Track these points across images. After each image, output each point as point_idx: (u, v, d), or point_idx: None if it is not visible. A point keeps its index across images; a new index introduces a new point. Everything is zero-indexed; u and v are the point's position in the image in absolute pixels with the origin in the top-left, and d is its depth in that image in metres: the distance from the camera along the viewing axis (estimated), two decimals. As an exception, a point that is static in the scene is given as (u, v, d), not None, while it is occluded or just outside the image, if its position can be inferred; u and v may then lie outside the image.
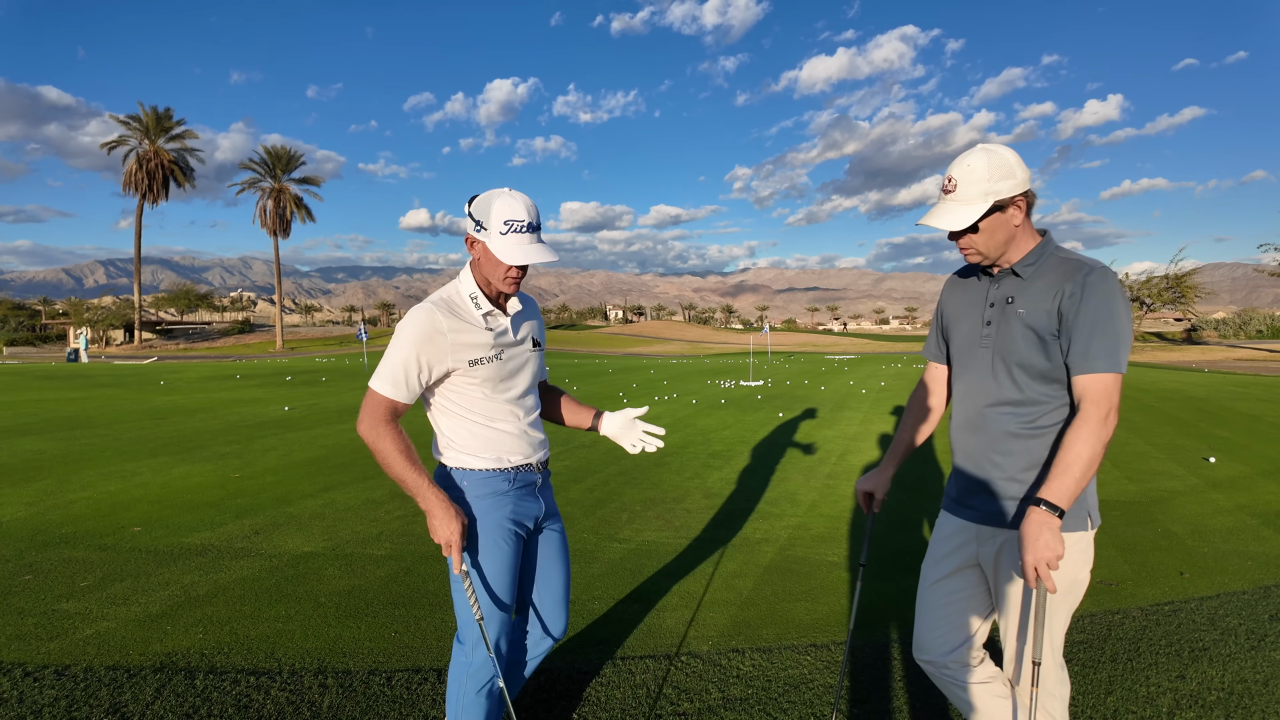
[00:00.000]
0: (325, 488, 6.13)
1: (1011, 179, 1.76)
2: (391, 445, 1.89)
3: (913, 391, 2.21)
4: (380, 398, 1.92)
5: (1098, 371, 1.69)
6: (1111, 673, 2.92)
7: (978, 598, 1.95)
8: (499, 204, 1.88)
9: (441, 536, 1.89)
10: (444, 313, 1.95)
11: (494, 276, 1.96)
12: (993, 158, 1.75)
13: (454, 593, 2.03)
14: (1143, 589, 3.84)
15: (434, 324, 1.92)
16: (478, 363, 1.98)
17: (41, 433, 9.11)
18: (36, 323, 71.64)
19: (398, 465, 1.89)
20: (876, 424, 10.27)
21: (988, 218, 1.78)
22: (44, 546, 4.48)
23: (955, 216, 1.79)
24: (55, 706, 2.60)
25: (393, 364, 1.91)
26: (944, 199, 1.82)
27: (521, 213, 1.88)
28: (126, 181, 51.52)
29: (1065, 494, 1.65)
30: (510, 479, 2.05)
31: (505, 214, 1.87)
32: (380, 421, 1.90)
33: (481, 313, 2.00)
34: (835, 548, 4.61)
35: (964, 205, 1.78)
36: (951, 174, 1.80)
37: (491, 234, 1.90)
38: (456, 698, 2.05)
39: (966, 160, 1.79)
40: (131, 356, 43.99)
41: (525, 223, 1.88)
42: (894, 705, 2.69)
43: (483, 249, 1.94)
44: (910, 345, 63.67)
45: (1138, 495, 5.93)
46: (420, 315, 1.93)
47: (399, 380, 1.91)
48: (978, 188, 1.76)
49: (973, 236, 1.82)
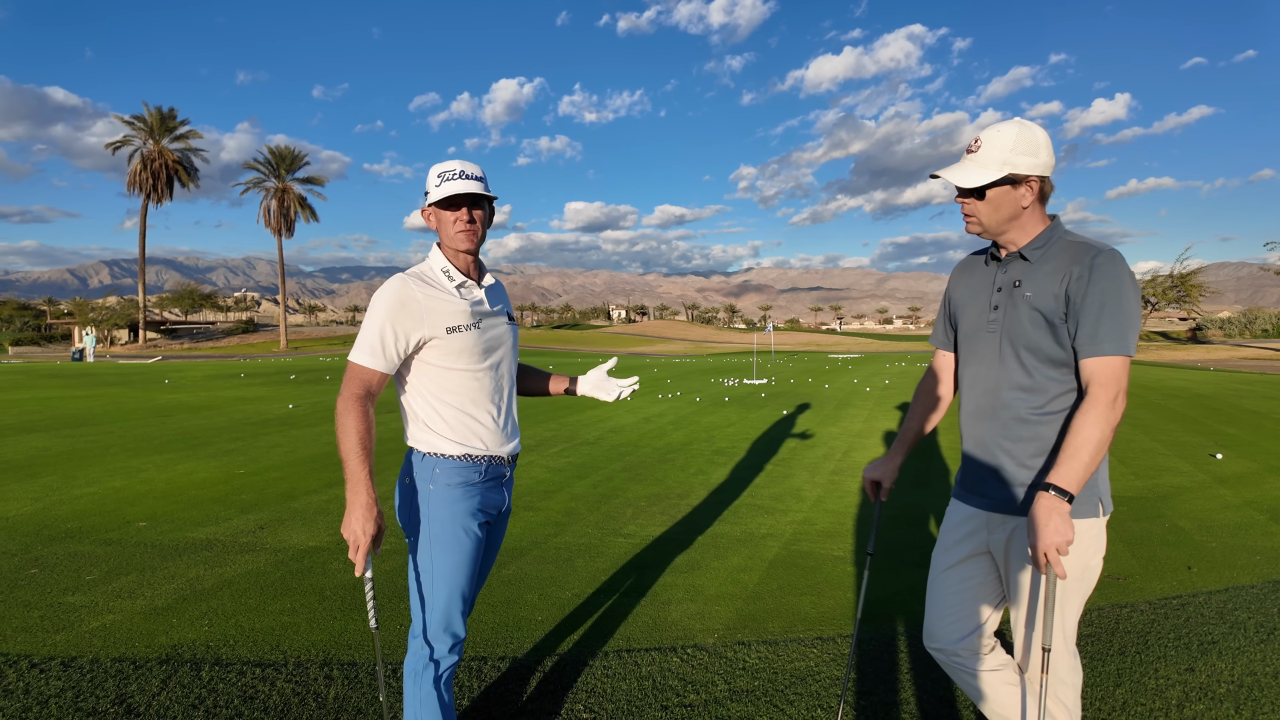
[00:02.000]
0: (329, 484, 6.14)
1: (1033, 157, 1.75)
2: (354, 423, 1.85)
3: (921, 379, 2.20)
4: (358, 368, 1.90)
5: (1106, 354, 1.68)
6: (1120, 665, 2.91)
7: (988, 585, 1.93)
8: (435, 167, 1.99)
9: (353, 535, 1.81)
10: (416, 281, 1.95)
11: (449, 236, 1.99)
12: (1023, 131, 1.76)
13: (410, 586, 2.01)
14: (1150, 583, 3.82)
15: (407, 290, 1.92)
16: (455, 330, 1.96)
17: (47, 430, 9.13)
18: (42, 323, 71.87)
19: (349, 445, 1.84)
20: (881, 421, 10.25)
21: (998, 187, 1.79)
22: (50, 541, 4.49)
23: (968, 174, 1.79)
24: (62, 698, 2.60)
25: (369, 333, 1.90)
26: (965, 157, 1.83)
27: (453, 164, 1.96)
28: (131, 182, 51.63)
29: (1074, 478, 1.63)
30: (481, 471, 2.02)
31: (439, 170, 1.97)
32: (354, 397, 1.87)
33: (455, 284, 2.01)
34: (841, 542, 4.59)
35: (980, 168, 1.78)
36: (980, 136, 1.81)
37: (431, 193, 1.98)
38: (414, 690, 2.00)
39: (999, 127, 1.80)
40: (136, 356, 44.11)
41: (458, 170, 1.95)
42: (901, 697, 2.68)
43: (432, 212, 2.01)
44: (914, 345, 63.57)
45: (1144, 491, 5.91)
46: (393, 283, 1.94)
47: (376, 349, 1.89)
48: (999, 154, 1.76)
49: (977, 203, 1.82)
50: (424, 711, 2.01)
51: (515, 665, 2.92)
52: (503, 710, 2.60)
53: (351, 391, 1.88)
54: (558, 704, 2.63)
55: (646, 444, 8.30)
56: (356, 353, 1.90)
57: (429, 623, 1.98)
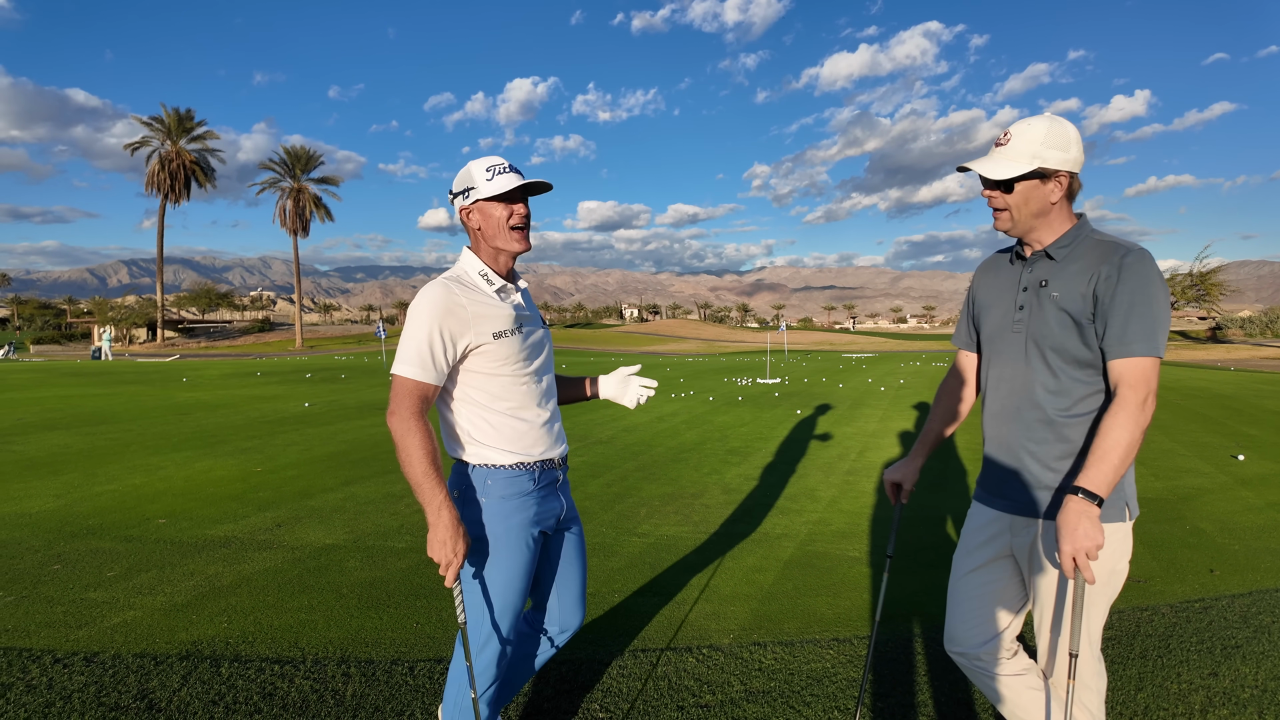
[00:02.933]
0: (346, 481, 6.18)
1: (1064, 152, 1.73)
2: (419, 443, 1.76)
3: (942, 380, 2.18)
4: (409, 383, 1.79)
5: (1135, 355, 1.65)
6: (1141, 669, 2.87)
7: (1011, 589, 1.91)
8: (475, 162, 1.90)
9: (442, 556, 1.75)
10: (457, 286, 1.87)
11: (498, 234, 1.91)
12: (1054, 126, 1.74)
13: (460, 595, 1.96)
14: (1172, 586, 3.78)
15: (451, 296, 1.83)
16: (501, 335, 1.88)
17: (68, 428, 9.25)
18: (62, 321, 72.84)
19: (420, 468, 1.75)
20: (896, 421, 10.19)
21: (1026, 181, 1.76)
22: (72, 537, 4.55)
23: (997, 166, 1.77)
24: (85, 692, 2.63)
25: (415, 344, 1.79)
26: (994, 150, 1.81)
27: (497, 158, 1.90)
28: (149, 182, 52.22)
29: (1103, 482, 1.61)
30: (535, 477, 1.96)
31: (484, 164, 1.89)
32: (412, 414, 1.77)
33: (494, 289, 1.93)
34: (856, 543, 4.57)
35: (1009, 160, 1.76)
36: (1010, 129, 1.80)
37: (479, 187, 1.88)
38: (455, 700, 1.97)
39: (1030, 121, 1.78)
40: (154, 354, 44.60)
41: (505, 164, 1.89)
42: (919, 700, 2.66)
43: (478, 210, 1.91)
44: (929, 344, 63.15)
45: (1165, 492, 5.84)
46: (434, 290, 1.83)
47: (425, 360, 1.79)
48: (1029, 148, 1.74)
49: (1005, 196, 1.80)
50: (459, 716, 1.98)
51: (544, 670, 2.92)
52: (518, 709, 2.60)
53: (408, 409, 1.77)
54: (574, 703, 2.64)
55: (660, 443, 8.29)
56: (404, 366, 1.79)
57: (476, 636, 1.93)
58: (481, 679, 1.93)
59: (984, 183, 1.84)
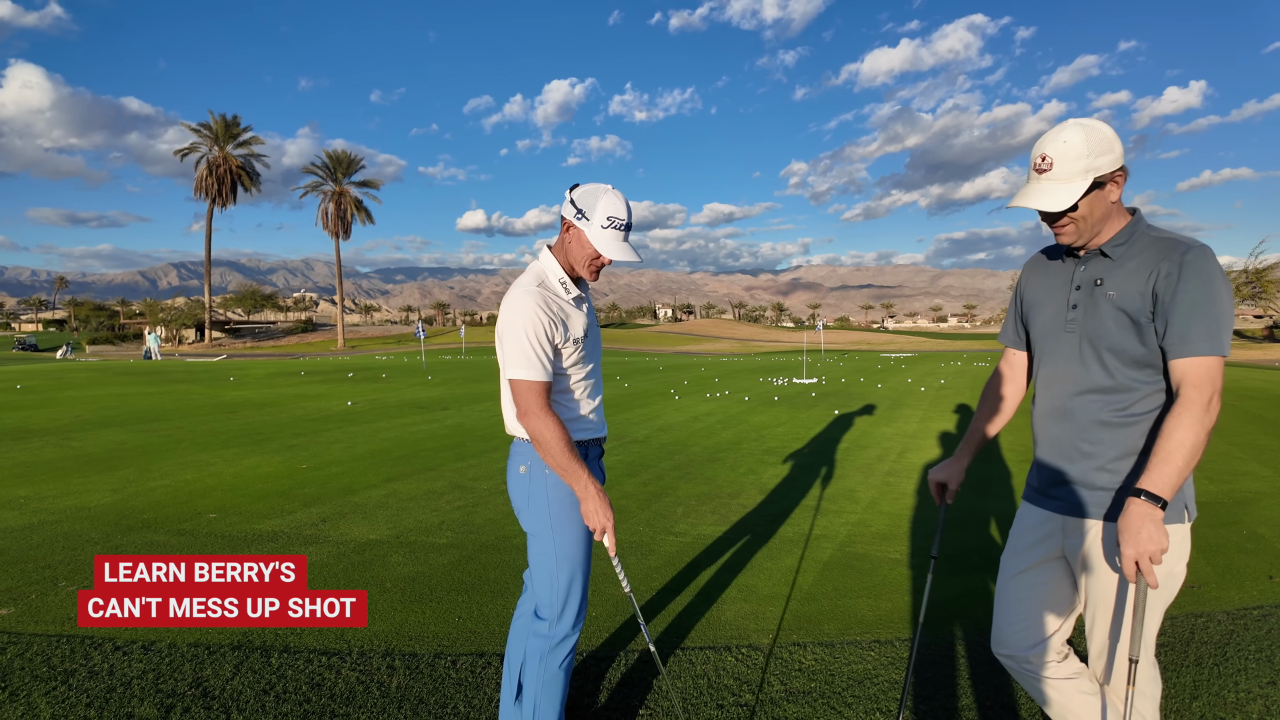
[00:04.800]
0: (388, 478, 6.29)
1: (1111, 153, 1.67)
2: (557, 432, 1.96)
3: (988, 379, 2.14)
4: (531, 384, 1.97)
5: (1199, 354, 1.60)
6: (1196, 677, 2.79)
7: (1062, 591, 1.87)
8: (605, 199, 2.01)
9: (597, 522, 1.99)
10: (546, 294, 2.04)
11: (580, 262, 2.08)
12: (1090, 132, 1.67)
13: (534, 567, 2.12)
14: (1228, 592, 3.65)
15: (546, 303, 2.01)
16: (579, 339, 2.09)
17: (124, 425, 9.58)
18: (115, 322, 75.44)
19: (565, 451, 1.96)
20: (937, 421, 10.02)
21: (1087, 195, 1.70)
22: (128, 530, 4.71)
23: (1055, 197, 1.69)
24: (143, 679, 2.73)
25: (524, 349, 1.96)
26: (1039, 179, 1.73)
27: (623, 212, 2.02)
28: (197, 186, 53.84)
29: (1168, 484, 1.56)
30: (585, 452, 2.15)
31: (610, 210, 2.01)
32: (542, 410, 1.96)
33: (571, 297, 2.11)
34: (897, 545, 4.51)
35: (1063, 184, 1.69)
36: (1045, 151, 1.71)
37: (593, 225, 2.02)
38: (537, 672, 2.10)
39: (1061, 136, 1.69)
40: (202, 354, 45.93)
41: (624, 221, 2.03)
42: (963, 703, 2.62)
43: (577, 235, 2.06)
44: (970, 344, 61.91)
45: (1220, 496, 5.64)
46: (529, 299, 1.99)
47: (534, 363, 1.97)
48: (1078, 164, 1.67)
49: (1071, 215, 1.73)
50: (544, 695, 2.11)
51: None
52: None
53: (538, 404, 1.97)
54: (614, 699, 2.65)
55: (695, 443, 8.28)
56: (520, 370, 1.97)
57: (554, 602, 2.10)
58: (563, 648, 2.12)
59: (1044, 216, 1.76)
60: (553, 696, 2.12)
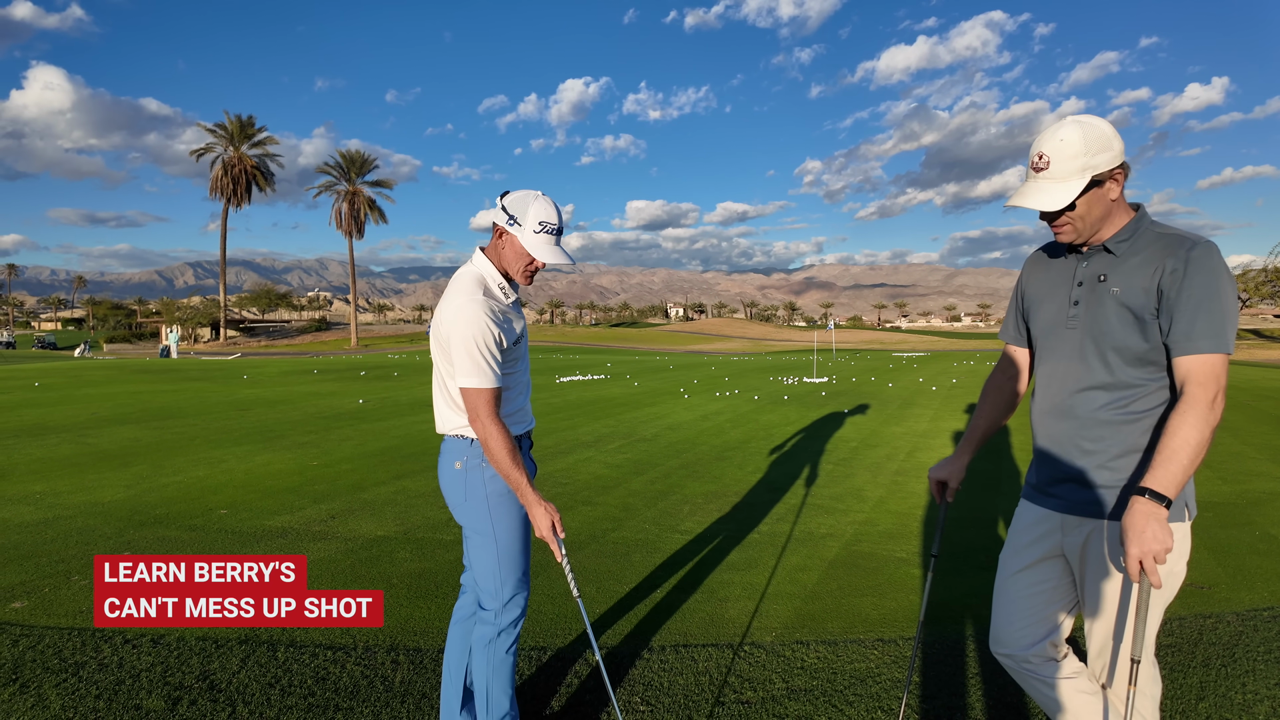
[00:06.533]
0: (397, 476, 6.33)
1: (1109, 151, 1.66)
2: (506, 441, 2.01)
3: (989, 376, 2.13)
4: (483, 391, 2.01)
5: (1203, 352, 1.59)
6: (1204, 678, 2.76)
7: (1061, 590, 1.86)
8: (536, 205, 2.07)
9: (543, 530, 2.04)
10: (491, 302, 2.08)
11: (515, 267, 2.14)
12: (1088, 130, 1.65)
13: (476, 561, 2.17)
14: (1238, 593, 3.61)
15: (492, 311, 2.05)
16: (517, 341, 2.16)
17: (138, 422, 9.69)
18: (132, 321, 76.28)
19: (509, 460, 2.01)
20: (948, 421, 9.97)
21: (1085, 194, 1.68)
22: (141, 525, 4.77)
23: (1051, 196, 1.68)
24: (152, 671, 2.77)
25: (475, 358, 2.00)
26: (1035, 177, 1.72)
27: (554, 217, 2.08)
28: (213, 186, 54.32)
29: (1172, 482, 1.55)
30: (520, 446, 2.22)
31: (541, 215, 2.06)
32: (490, 418, 2.01)
33: (510, 301, 2.18)
34: (904, 544, 4.49)
35: (1059, 183, 1.68)
36: (1042, 150, 1.69)
37: (525, 230, 2.07)
38: (486, 660, 2.16)
39: (1058, 134, 1.68)
40: (217, 352, 46.37)
41: (556, 226, 2.09)
42: (967, 701, 2.61)
43: (510, 240, 2.11)
44: (983, 343, 61.45)
45: (1232, 496, 5.58)
46: (477, 308, 2.02)
47: (485, 371, 2.01)
48: (1074, 163, 1.66)
49: (1069, 214, 1.72)
50: (495, 679, 2.17)
51: (574, 656, 2.96)
52: (562, 700, 2.64)
53: (487, 411, 2.01)
54: (615, 697, 2.66)
55: (704, 441, 8.28)
56: (473, 379, 2.01)
57: (499, 592, 2.15)
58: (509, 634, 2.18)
59: (1043, 215, 1.75)
60: (503, 681, 2.18)
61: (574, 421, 9.96)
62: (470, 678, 2.24)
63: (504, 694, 2.19)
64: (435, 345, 2.12)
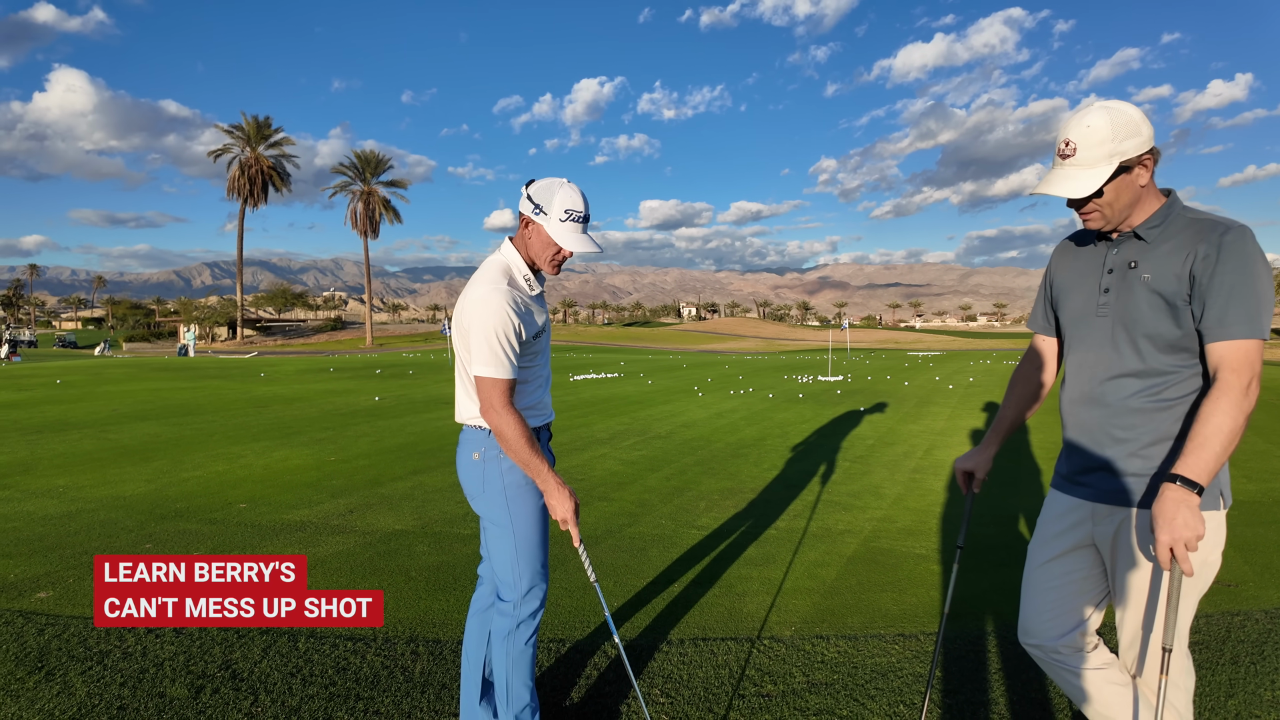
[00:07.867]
0: (414, 471, 6.36)
1: (1137, 136, 1.62)
2: (521, 429, 1.99)
3: (1017, 366, 2.10)
4: (498, 381, 1.99)
5: (1237, 338, 1.56)
6: (1232, 675, 2.72)
7: (1091, 580, 1.83)
8: (562, 193, 2.04)
9: (561, 514, 2.04)
10: (515, 293, 2.06)
11: (542, 257, 2.11)
12: (1115, 115, 1.62)
13: (494, 552, 2.15)
14: (1266, 591, 3.55)
15: (515, 302, 2.03)
16: (538, 334, 2.13)
17: (158, 418, 9.80)
18: (151, 320, 77.17)
19: (528, 447, 2.00)
20: (965, 419, 9.88)
21: (1113, 180, 1.65)
22: (162, 519, 4.82)
23: (1079, 183, 1.65)
24: (175, 661, 2.79)
25: (493, 349, 1.98)
26: (1063, 164, 1.69)
27: (580, 204, 2.05)
28: (230, 187, 54.87)
29: (1204, 469, 1.52)
30: (538, 436, 2.19)
31: (567, 203, 2.03)
32: (505, 407, 1.99)
33: (534, 294, 2.16)
34: (923, 540, 4.45)
35: (1087, 169, 1.65)
36: (1069, 136, 1.67)
37: (551, 219, 2.04)
38: (506, 651, 2.15)
39: (1085, 120, 1.65)
40: (235, 351, 46.84)
41: (582, 214, 2.06)
42: (990, 696, 2.58)
43: (537, 230, 2.08)
44: (999, 343, 60.91)
45: (1258, 495, 5.49)
46: (499, 299, 2.00)
47: (503, 362, 1.99)
48: (1102, 149, 1.63)
49: (1097, 201, 1.69)
50: (515, 671, 2.15)
51: (593, 649, 2.96)
52: (581, 691, 2.64)
53: (502, 401, 2.00)
54: (635, 689, 2.65)
55: (719, 439, 8.26)
56: (489, 368, 1.99)
57: (517, 583, 2.13)
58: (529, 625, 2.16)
59: (1071, 202, 1.72)
60: (523, 673, 2.17)
61: (588, 419, 9.96)
62: (490, 669, 2.24)
63: (524, 686, 2.18)
64: (457, 333, 2.11)
